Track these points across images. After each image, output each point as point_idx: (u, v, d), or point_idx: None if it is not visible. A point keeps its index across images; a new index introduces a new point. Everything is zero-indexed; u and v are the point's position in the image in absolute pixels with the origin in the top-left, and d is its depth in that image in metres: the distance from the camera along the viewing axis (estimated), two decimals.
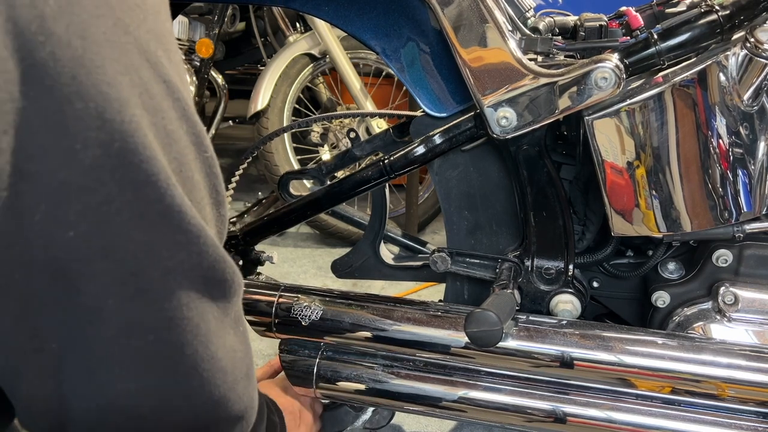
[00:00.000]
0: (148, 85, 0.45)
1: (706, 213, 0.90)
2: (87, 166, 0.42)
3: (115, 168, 0.43)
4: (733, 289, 0.95)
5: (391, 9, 0.97)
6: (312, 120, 1.34)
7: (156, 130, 0.45)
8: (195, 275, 0.48)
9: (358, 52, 2.56)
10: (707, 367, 0.86)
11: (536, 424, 0.94)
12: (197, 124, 0.49)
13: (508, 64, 0.88)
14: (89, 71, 0.41)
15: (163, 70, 0.46)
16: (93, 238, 0.43)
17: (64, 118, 0.41)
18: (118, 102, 0.42)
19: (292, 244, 2.61)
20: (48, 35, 0.40)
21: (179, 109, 0.47)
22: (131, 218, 0.44)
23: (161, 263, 0.46)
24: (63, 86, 0.40)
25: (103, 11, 0.42)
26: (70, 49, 0.41)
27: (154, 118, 0.45)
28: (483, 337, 0.83)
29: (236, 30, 2.89)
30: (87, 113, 0.41)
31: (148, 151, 0.44)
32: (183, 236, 0.47)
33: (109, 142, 0.42)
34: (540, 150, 0.98)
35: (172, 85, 0.47)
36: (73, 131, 0.41)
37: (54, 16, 0.40)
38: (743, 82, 0.84)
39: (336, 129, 2.63)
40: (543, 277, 0.99)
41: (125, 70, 0.43)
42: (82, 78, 0.41)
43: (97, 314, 0.45)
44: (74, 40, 0.41)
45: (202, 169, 0.50)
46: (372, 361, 1.01)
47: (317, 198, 1.11)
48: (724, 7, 0.87)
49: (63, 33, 0.40)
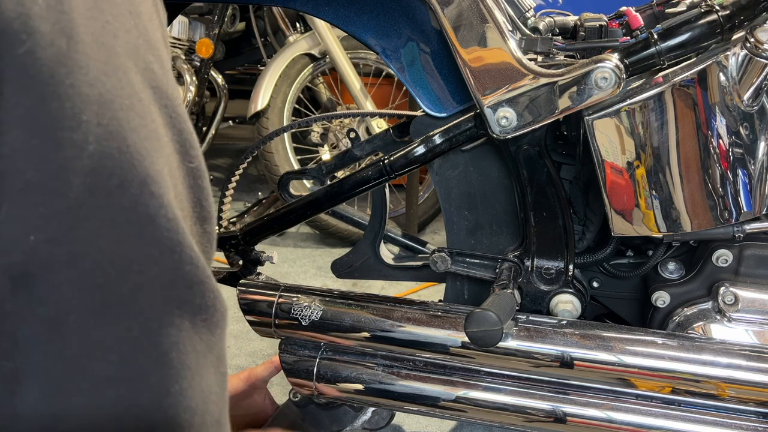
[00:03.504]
0: (135, 89, 0.43)
1: (706, 213, 0.90)
2: (56, 168, 0.40)
3: (87, 171, 0.41)
4: (733, 289, 0.95)
5: (391, 9, 0.97)
6: (312, 120, 1.34)
7: (142, 134, 0.43)
8: (169, 295, 0.45)
9: (358, 52, 2.56)
10: (707, 367, 0.86)
11: (536, 424, 0.94)
12: (184, 132, 0.47)
13: (508, 64, 0.88)
14: (70, 71, 0.40)
15: (151, 76, 0.45)
16: (58, 244, 0.41)
17: (37, 117, 0.39)
18: (97, 104, 0.41)
19: (292, 244, 2.61)
20: (30, 33, 0.39)
21: (166, 116, 0.46)
22: (101, 225, 0.42)
23: (130, 277, 0.43)
24: (39, 84, 0.39)
25: (93, 14, 0.42)
26: (52, 48, 0.39)
27: (140, 121, 0.43)
28: (483, 337, 0.83)
29: (236, 30, 2.89)
30: (62, 113, 0.40)
31: (125, 156, 0.42)
32: (156, 248, 0.43)
33: (83, 143, 0.40)
34: (540, 150, 0.98)
35: (160, 92, 0.45)
36: (45, 131, 0.39)
37: (41, 15, 0.39)
38: (743, 82, 0.84)
39: (336, 129, 2.63)
40: (543, 277, 0.99)
41: (111, 72, 0.42)
42: (61, 77, 0.40)
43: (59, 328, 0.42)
44: (59, 39, 0.40)
45: (185, 179, 0.47)
46: (372, 361, 1.01)
47: (317, 198, 1.11)
48: (724, 7, 0.87)
49: (48, 32, 0.39)
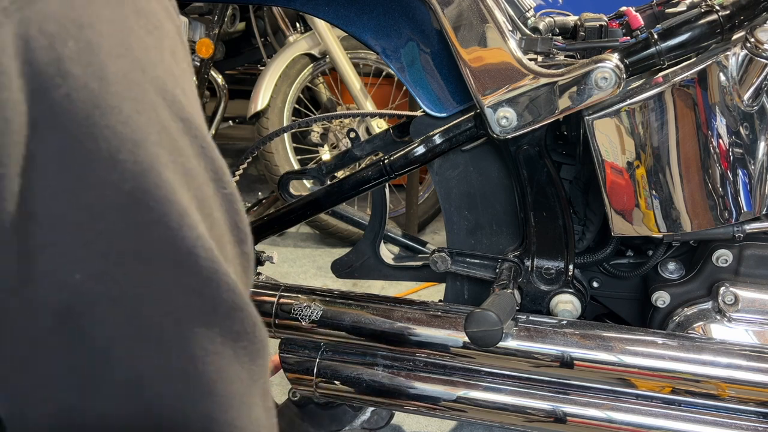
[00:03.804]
0: (165, 124, 0.44)
1: (706, 213, 0.90)
2: (96, 207, 0.41)
3: (126, 208, 0.42)
4: (733, 289, 0.95)
5: (391, 9, 0.97)
6: (312, 120, 1.34)
7: (174, 168, 0.44)
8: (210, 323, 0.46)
9: (358, 52, 2.56)
10: (707, 367, 0.86)
11: (536, 424, 0.94)
12: (217, 160, 0.48)
13: (508, 64, 0.88)
14: (104, 111, 0.41)
15: (180, 108, 0.46)
16: (101, 281, 0.42)
17: (75, 159, 0.41)
18: (132, 142, 0.42)
19: (292, 244, 2.60)
20: (65, 77, 0.40)
21: (197, 147, 0.47)
22: (141, 260, 0.43)
23: (171, 308, 0.44)
24: (76, 127, 0.40)
25: (121, 51, 0.42)
26: (86, 91, 0.40)
27: (172, 156, 0.44)
28: (483, 337, 0.83)
29: (236, 30, 2.89)
30: (99, 154, 0.41)
31: (162, 191, 0.43)
32: (195, 279, 0.45)
33: (121, 182, 0.41)
34: (540, 150, 0.98)
35: (189, 123, 0.46)
36: (84, 172, 0.41)
37: (72, 58, 0.40)
38: (743, 82, 0.84)
39: (336, 129, 2.63)
40: (543, 277, 0.99)
41: (142, 109, 0.43)
42: (96, 118, 0.41)
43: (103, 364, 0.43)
44: (91, 81, 0.41)
45: (222, 205, 0.49)
46: (372, 361, 1.01)
47: (317, 198, 1.11)
48: (724, 7, 0.87)
49: (80, 74, 0.40)
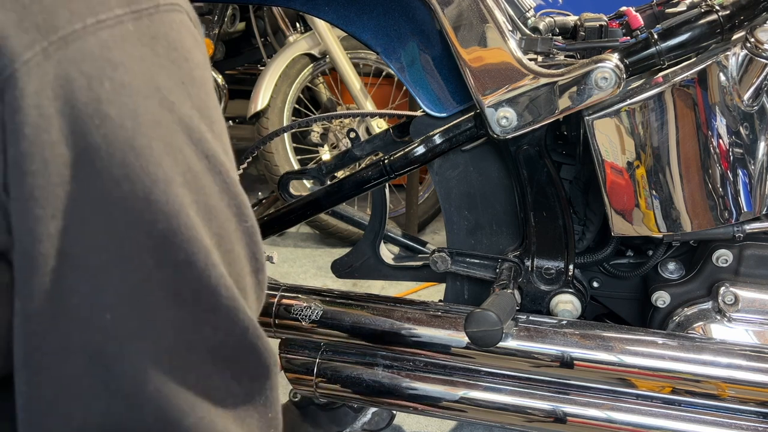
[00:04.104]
0: (190, 163, 0.45)
1: (706, 213, 0.90)
2: (129, 248, 0.42)
3: (157, 248, 0.43)
4: (733, 289, 0.95)
5: (391, 9, 0.97)
6: (312, 120, 1.34)
7: (197, 208, 0.45)
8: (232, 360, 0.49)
9: (358, 52, 2.56)
10: (707, 367, 0.86)
11: (536, 424, 0.94)
12: (239, 195, 0.50)
13: (508, 64, 0.88)
14: (138, 153, 0.42)
15: (205, 146, 0.47)
16: (129, 318, 0.43)
17: (112, 201, 0.41)
18: (163, 182, 0.43)
19: (292, 244, 2.60)
20: (103, 118, 0.41)
21: (221, 183, 0.48)
22: (166, 296, 0.44)
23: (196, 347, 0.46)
24: (113, 168, 0.41)
25: (151, 92, 0.43)
26: (122, 131, 0.41)
27: (196, 196, 0.45)
28: (483, 337, 0.83)
29: (236, 30, 2.89)
30: (134, 195, 0.42)
31: (191, 231, 0.44)
32: (218, 316, 0.47)
33: (153, 222, 0.43)
34: (540, 150, 0.98)
35: (214, 160, 0.48)
36: (120, 213, 0.42)
37: (109, 99, 0.41)
38: (743, 82, 0.84)
39: (336, 129, 2.63)
40: (543, 277, 0.99)
41: (170, 150, 0.44)
42: (131, 160, 0.42)
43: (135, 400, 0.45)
44: (126, 121, 0.42)
45: (243, 239, 0.50)
46: (372, 361, 1.01)
47: (317, 198, 1.11)
48: (724, 7, 0.87)
49: (116, 116, 0.41)
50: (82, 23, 0.40)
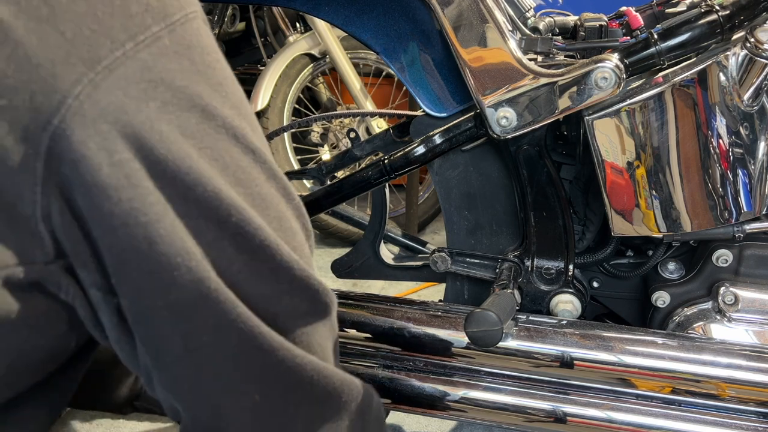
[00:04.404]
0: (238, 161, 0.51)
1: (706, 213, 0.90)
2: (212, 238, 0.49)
3: (232, 237, 0.50)
4: (733, 289, 0.95)
5: (391, 9, 0.97)
6: (312, 120, 1.34)
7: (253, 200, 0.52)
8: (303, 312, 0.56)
9: (358, 52, 2.56)
10: (707, 367, 0.86)
11: (536, 424, 0.94)
12: (282, 178, 0.56)
13: (508, 64, 0.88)
14: (194, 160, 0.47)
15: (248, 140, 0.52)
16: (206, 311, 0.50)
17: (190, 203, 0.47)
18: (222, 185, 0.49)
19: None
20: (160, 134, 0.45)
21: (267, 171, 0.54)
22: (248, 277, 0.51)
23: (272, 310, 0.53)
24: (184, 176, 0.46)
25: (194, 102, 0.48)
26: (176, 144, 0.46)
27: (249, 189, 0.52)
28: (483, 337, 0.83)
29: (236, 30, 2.89)
30: (206, 197, 0.48)
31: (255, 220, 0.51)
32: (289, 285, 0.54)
33: (227, 217, 0.49)
34: (540, 150, 0.98)
35: (257, 152, 0.53)
36: (197, 213, 0.47)
37: (158, 117, 0.46)
38: (743, 82, 0.84)
39: (336, 129, 2.63)
40: (543, 277, 0.99)
41: (218, 156, 0.49)
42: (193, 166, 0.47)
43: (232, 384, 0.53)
44: (176, 136, 0.46)
45: (294, 214, 0.57)
46: (372, 361, 1.01)
47: (317, 198, 1.11)
48: (724, 7, 0.87)
49: (168, 131, 0.46)
50: (122, 49, 0.44)
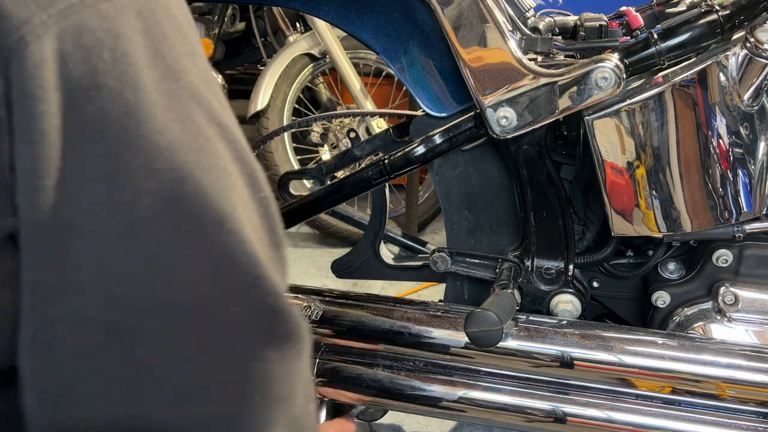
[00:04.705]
0: (201, 128, 0.44)
1: (706, 213, 0.90)
2: (137, 218, 0.41)
3: (166, 217, 0.42)
4: (733, 289, 0.95)
5: (391, 9, 0.97)
6: (312, 120, 1.34)
7: (211, 175, 0.44)
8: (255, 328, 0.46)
9: (358, 52, 2.56)
10: (707, 367, 0.86)
11: (536, 424, 0.94)
12: (252, 164, 0.48)
13: (508, 64, 0.88)
14: (139, 121, 0.41)
15: (215, 113, 0.46)
16: (145, 292, 0.42)
17: (113, 171, 0.40)
18: (168, 150, 0.42)
19: (292, 244, 2.60)
20: (98, 89, 0.40)
21: (233, 151, 0.47)
22: (183, 269, 0.43)
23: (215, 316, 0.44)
24: (111, 139, 0.40)
25: (155, 61, 0.42)
26: (120, 102, 0.40)
27: (210, 161, 0.44)
28: (483, 337, 0.83)
29: (236, 30, 2.89)
30: (136, 164, 0.41)
31: (200, 198, 0.43)
32: (238, 285, 0.45)
33: (159, 190, 0.41)
34: (540, 150, 0.98)
35: (225, 128, 0.46)
36: (122, 183, 0.41)
37: (107, 70, 0.40)
38: (743, 82, 0.84)
39: (336, 129, 2.63)
40: (543, 277, 0.99)
41: (178, 117, 0.43)
42: (132, 129, 0.41)
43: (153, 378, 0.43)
44: (126, 91, 0.41)
45: (258, 210, 0.48)
46: (372, 361, 1.01)
47: (317, 198, 1.10)
48: (724, 7, 0.87)
49: (114, 86, 0.40)
50: None
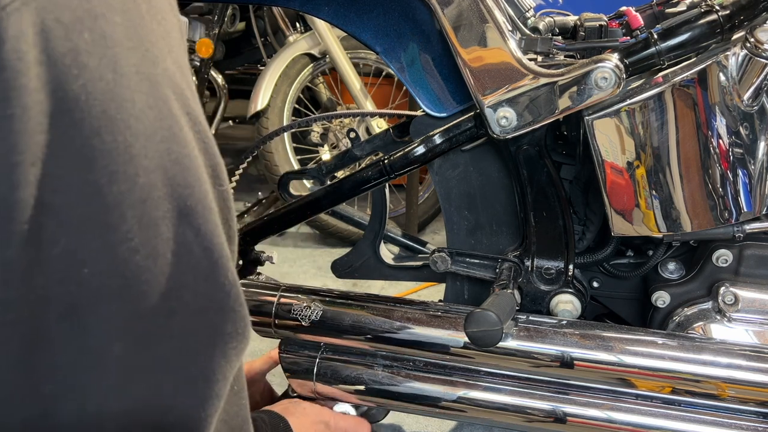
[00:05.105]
0: (175, 117, 0.44)
1: (706, 213, 0.90)
2: (110, 202, 0.41)
3: (138, 203, 0.42)
4: (733, 289, 0.95)
5: (391, 9, 0.97)
6: (312, 120, 1.34)
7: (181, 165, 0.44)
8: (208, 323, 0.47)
9: (358, 52, 2.56)
10: (707, 367, 0.86)
11: (536, 424, 0.94)
12: (215, 157, 0.49)
13: (508, 64, 0.88)
14: (119, 105, 0.41)
15: (186, 102, 0.46)
16: (108, 277, 0.42)
17: (92, 152, 0.40)
18: (144, 136, 0.42)
19: (292, 244, 2.61)
20: (81, 68, 0.40)
21: (200, 141, 0.47)
22: (149, 256, 0.43)
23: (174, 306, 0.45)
24: (93, 119, 0.40)
25: (134, 43, 0.42)
26: (102, 83, 0.40)
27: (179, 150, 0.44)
28: (483, 337, 0.83)
29: (236, 30, 2.89)
30: (115, 147, 0.41)
31: (169, 188, 0.43)
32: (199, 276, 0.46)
33: (134, 176, 0.41)
34: (540, 150, 0.98)
35: (193, 117, 0.46)
36: (100, 165, 0.40)
37: (88, 50, 0.40)
38: (743, 82, 0.84)
39: (336, 129, 2.63)
40: (543, 277, 0.99)
41: (154, 103, 0.43)
42: (112, 112, 0.41)
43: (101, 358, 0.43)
44: (106, 73, 0.41)
45: (218, 202, 0.49)
46: (372, 361, 1.01)
47: (317, 198, 1.10)
48: (724, 7, 0.87)
49: (96, 66, 0.40)
50: None
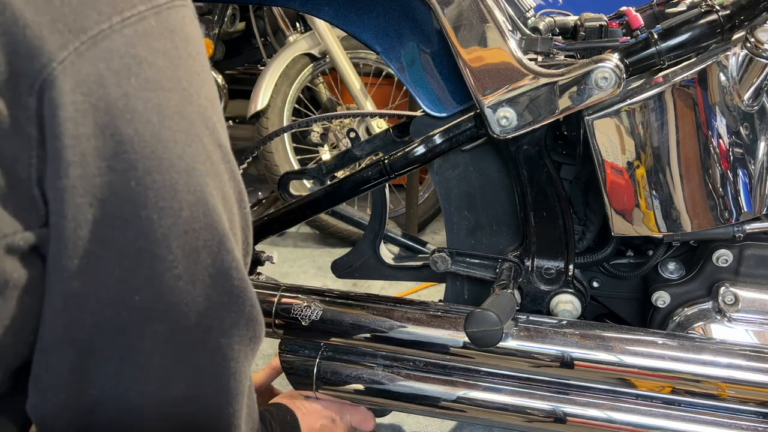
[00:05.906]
0: (210, 152, 0.49)
1: (707, 213, 0.90)
2: (160, 236, 0.46)
3: (181, 235, 0.47)
4: (733, 289, 0.95)
5: (391, 9, 0.97)
6: (312, 120, 1.34)
7: (217, 195, 0.49)
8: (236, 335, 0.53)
9: (358, 52, 2.56)
10: (707, 367, 0.86)
11: (536, 424, 0.94)
12: (240, 183, 0.54)
13: (508, 64, 0.88)
14: (164, 146, 0.46)
15: (218, 135, 0.50)
16: (155, 302, 0.47)
17: (145, 191, 0.45)
18: (186, 173, 0.47)
19: (292, 244, 2.60)
20: (132, 112, 0.44)
21: (229, 171, 0.52)
22: (188, 282, 0.48)
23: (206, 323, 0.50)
24: (145, 160, 0.45)
25: (173, 84, 0.47)
26: (149, 125, 0.45)
27: (215, 183, 0.49)
28: (483, 337, 0.83)
29: (236, 30, 2.89)
30: (163, 185, 0.46)
31: (210, 218, 0.49)
32: (227, 297, 0.52)
33: (179, 210, 0.47)
34: (540, 150, 0.98)
35: (224, 149, 0.51)
36: (152, 202, 0.45)
37: (136, 94, 0.44)
38: (743, 82, 0.84)
39: (336, 129, 2.63)
40: (543, 277, 0.99)
41: (191, 141, 0.47)
42: (160, 152, 0.45)
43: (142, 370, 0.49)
44: (152, 116, 0.45)
45: (241, 224, 0.54)
46: (372, 361, 1.01)
47: (317, 198, 1.10)
48: (724, 7, 0.87)
49: (143, 110, 0.45)
50: (108, 22, 0.44)
